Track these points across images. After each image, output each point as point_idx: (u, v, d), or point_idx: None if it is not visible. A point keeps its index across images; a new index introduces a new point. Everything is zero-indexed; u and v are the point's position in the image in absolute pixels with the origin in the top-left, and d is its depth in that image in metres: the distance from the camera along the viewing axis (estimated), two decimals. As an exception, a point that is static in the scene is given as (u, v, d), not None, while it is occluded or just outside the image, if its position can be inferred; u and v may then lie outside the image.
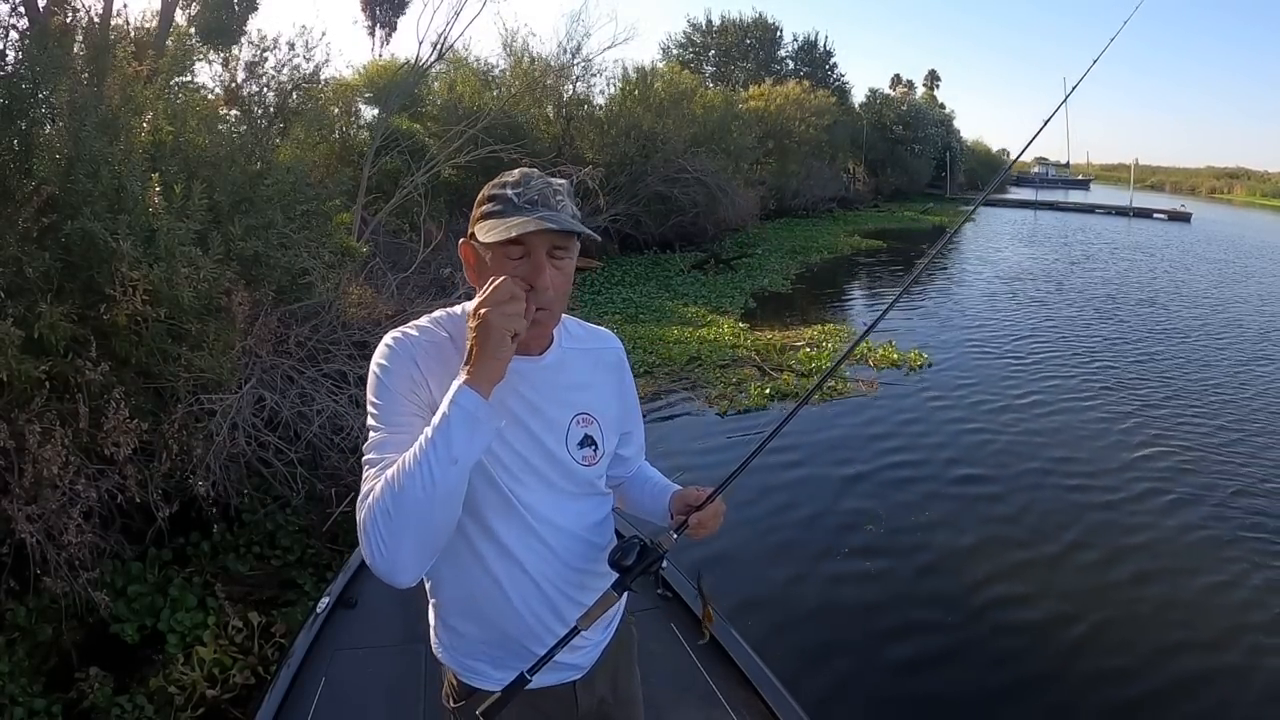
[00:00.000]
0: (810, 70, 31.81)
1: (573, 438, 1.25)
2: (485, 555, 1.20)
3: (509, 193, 1.13)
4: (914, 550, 4.31)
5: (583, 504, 1.27)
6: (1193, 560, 4.28)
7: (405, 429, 1.10)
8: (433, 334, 1.19)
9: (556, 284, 1.15)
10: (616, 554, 1.22)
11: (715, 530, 1.32)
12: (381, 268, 6.19)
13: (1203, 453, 5.83)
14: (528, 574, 1.22)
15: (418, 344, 1.17)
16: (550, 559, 1.23)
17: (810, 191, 22.39)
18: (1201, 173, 61.55)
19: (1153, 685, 3.28)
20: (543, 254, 1.13)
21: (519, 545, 1.21)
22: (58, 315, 3.05)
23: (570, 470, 1.24)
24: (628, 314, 9.55)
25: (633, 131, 14.22)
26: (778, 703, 2.12)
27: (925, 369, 7.86)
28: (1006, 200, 34.95)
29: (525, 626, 1.23)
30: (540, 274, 1.13)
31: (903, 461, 5.51)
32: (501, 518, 1.20)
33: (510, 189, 1.14)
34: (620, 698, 1.40)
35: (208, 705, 2.80)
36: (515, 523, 1.20)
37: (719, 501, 1.32)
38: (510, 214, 1.11)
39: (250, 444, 3.76)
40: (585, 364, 1.31)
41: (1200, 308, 11.97)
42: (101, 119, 3.57)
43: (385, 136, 8.32)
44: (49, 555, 2.93)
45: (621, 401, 1.36)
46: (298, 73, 6.36)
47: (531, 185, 1.14)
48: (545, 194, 1.14)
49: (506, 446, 1.18)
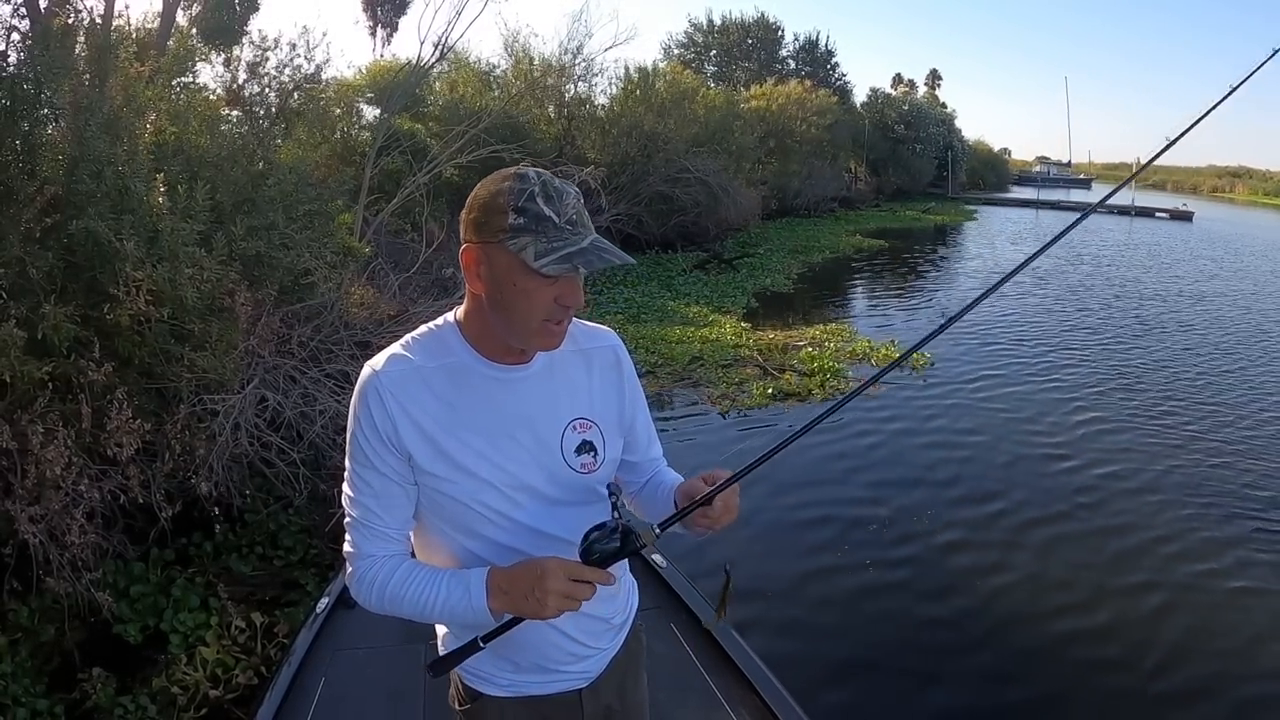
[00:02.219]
0: (812, 70, 31.77)
1: (569, 445, 1.20)
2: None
3: (544, 209, 1.05)
4: (917, 550, 4.31)
5: (584, 512, 1.20)
6: (1220, 561, 4.25)
7: (375, 483, 1.15)
8: (402, 363, 1.15)
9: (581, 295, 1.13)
10: (593, 535, 1.10)
11: (725, 524, 1.17)
12: (383, 268, 6.20)
13: (1210, 446, 5.82)
14: None
15: (384, 384, 1.13)
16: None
17: (812, 191, 22.35)
18: (1203, 171, 61.35)
19: (1175, 701, 3.22)
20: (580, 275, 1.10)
21: (505, 562, 1.16)
22: (61, 316, 3.05)
23: (568, 480, 1.20)
24: (629, 314, 9.54)
25: (634, 131, 14.22)
26: (777, 703, 2.12)
27: (928, 368, 7.85)
28: (1008, 200, 34.93)
29: (529, 640, 1.20)
30: (576, 290, 1.10)
31: (905, 462, 5.50)
32: (501, 535, 1.17)
33: (543, 203, 1.05)
34: (627, 704, 1.38)
35: (210, 705, 2.80)
36: (514, 541, 1.17)
37: (731, 493, 1.16)
38: (557, 237, 1.05)
39: (253, 444, 3.76)
40: (579, 366, 1.25)
41: (1202, 306, 11.95)
42: (105, 119, 3.58)
43: (387, 137, 8.32)
44: (52, 556, 2.93)
45: (623, 401, 1.29)
46: (299, 73, 6.37)
47: (567, 203, 1.07)
48: (580, 211, 1.09)
49: (497, 468, 1.15)
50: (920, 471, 5.35)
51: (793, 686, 2.22)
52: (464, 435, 1.14)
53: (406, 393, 1.13)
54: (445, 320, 1.20)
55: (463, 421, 1.14)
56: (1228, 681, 3.31)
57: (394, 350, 1.17)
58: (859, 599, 3.86)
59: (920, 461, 5.52)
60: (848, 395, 1.38)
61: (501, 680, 1.24)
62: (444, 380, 1.15)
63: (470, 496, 1.14)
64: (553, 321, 1.11)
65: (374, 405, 1.13)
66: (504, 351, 1.17)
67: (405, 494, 1.16)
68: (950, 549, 4.33)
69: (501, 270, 1.07)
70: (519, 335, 1.13)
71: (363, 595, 1.16)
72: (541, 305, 1.08)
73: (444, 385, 1.15)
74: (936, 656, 3.44)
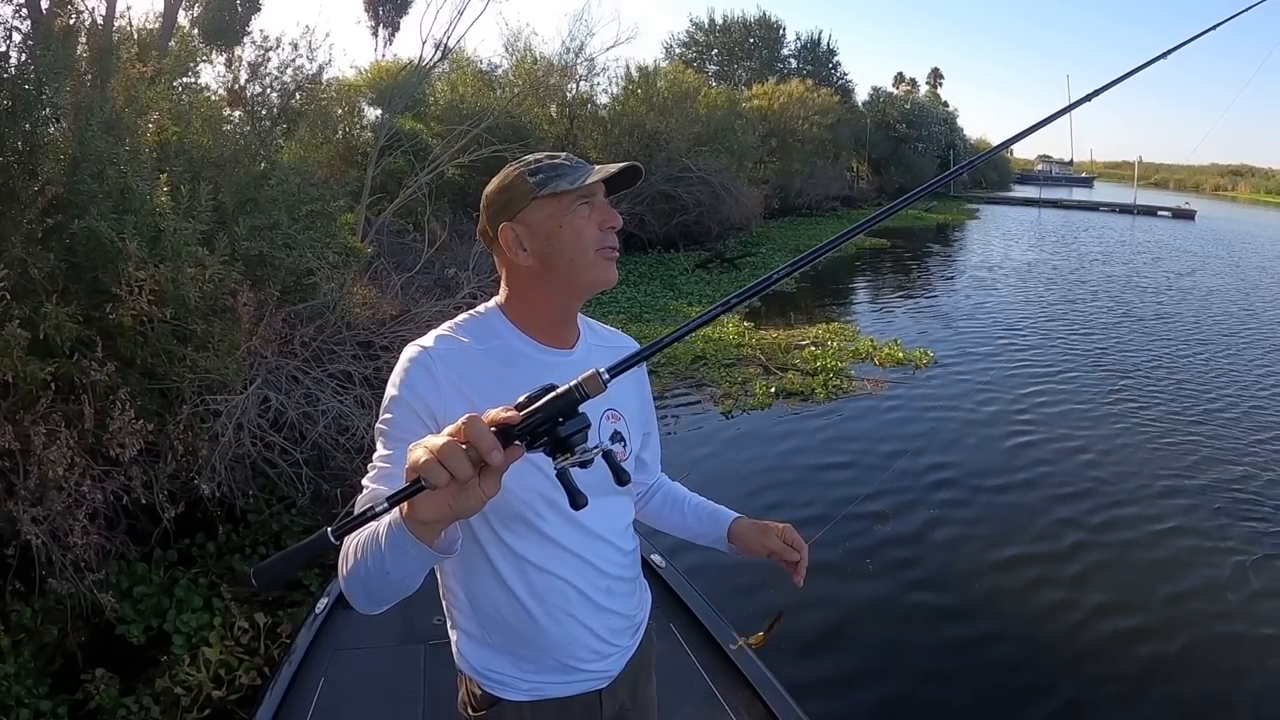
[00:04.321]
0: (813, 69, 31.75)
1: (604, 432, 1.23)
2: (502, 569, 1.17)
3: (552, 162, 1.17)
4: (919, 550, 4.29)
5: (612, 503, 1.23)
6: (1228, 560, 4.23)
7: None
8: (451, 342, 1.16)
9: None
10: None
11: (796, 556, 1.37)
12: (386, 268, 6.20)
13: (1217, 444, 5.80)
14: (554, 585, 1.19)
15: (435, 356, 1.13)
16: (580, 566, 1.20)
17: (814, 190, 22.35)
18: (1206, 170, 61.29)
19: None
20: (603, 198, 1.20)
21: (543, 556, 1.17)
22: (63, 316, 3.04)
23: (601, 468, 1.21)
24: (632, 313, 9.53)
25: (636, 131, 14.22)
26: (778, 704, 2.11)
27: (931, 367, 7.83)
28: (1010, 198, 34.90)
29: (551, 638, 1.20)
30: (611, 212, 1.18)
31: (908, 461, 5.48)
32: (545, 526, 1.16)
33: (547, 160, 1.18)
34: (639, 704, 1.38)
35: (214, 706, 2.80)
36: (559, 535, 1.17)
37: (790, 531, 1.35)
38: (571, 171, 1.16)
39: (255, 444, 3.76)
40: (607, 359, 1.24)
41: (1205, 303, 11.92)
42: (106, 119, 3.57)
43: (389, 136, 8.33)
44: (54, 556, 2.93)
45: (641, 402, 1.35)
46: (301, 73, 6.37)
47: (558, 156, 1.19)
48: (575, 159, 1.19)
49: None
50: (927, 471, 5.33)
51: (793, 688, 2.22)
52: None
53: (458, 368, 1.13)
54: (487, 307, 1.24)
55: (509, 401, 1.11)
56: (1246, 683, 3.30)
57: (442, 331, 1.18)
58: (859, 599, 3.84)
59: (926, 461, 5.50)
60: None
61: (522, 684, 1.23)
62: (493, 361, 1.16)
63: (519, 481, 1.08)
64: (606, 249, 1.18)
65: (420, 379, 1.11)
66: (550, 333, 1.21)
67: None
68: (954, 548, 4.32)
69: (543, 222, 1.16)
70: (581, 274, 1.17)
71: (339, 560, 1.03)
72: (590, 233, 1.16)
73: (494, 366, 1.15)
74: (937, 657, 3.42)
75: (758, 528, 1.37)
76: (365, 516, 0.82)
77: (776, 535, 1.34)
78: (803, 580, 1.34)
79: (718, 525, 1.41)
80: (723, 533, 1.40)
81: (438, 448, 0.79)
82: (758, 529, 1.37)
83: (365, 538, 0.96)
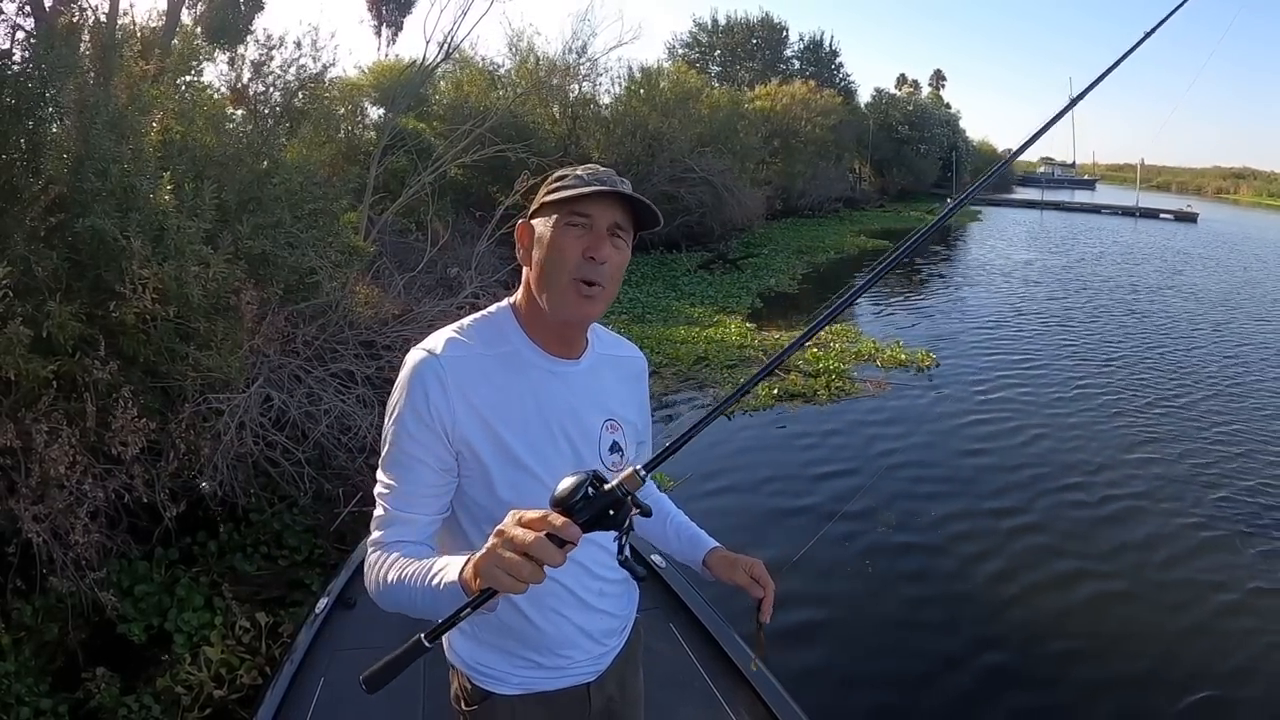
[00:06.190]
0: (816, 70, 31.76)
1: (604, 444, 1.25)
2: None
3: (580, 173, 1.18)
4: (919, 550, 4.29)
5: None
6: (1225, 565, 4.22)
7: (414, 470, 1.12)
8: (459, 347, 1.15)
9: (613, 261, 1.15)
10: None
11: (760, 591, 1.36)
12: (388, 267, 6.20)
13: (1217, 448, 5.78)
14: (547, 586, 1.17)
15: (445, 364, 1.12)
16: (572, 569, 1.19)
17: (816, 191, 22.35)
18: (1208, 172, 61.24)
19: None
20: (604, 227, 1.14)
21: None
22: (66, 314, 3.04)
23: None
24: (634, 314, 9.53)
25: (639, 131, 14.21)
26: (777, 703, 2.10)
27: (933, 368, 7.83)
28: (1012, 200, 34.87)
29: (544, 637, 1.22)
30: (602, 243, 1.13)
31: (910, 461, 5.48)
32: None
33: (580, 170, 1.19)
34: (627, 697, 1.40)
35: (215, 706, 2.79)
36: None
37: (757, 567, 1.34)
38: (581, 186, 1.15)
39: (257, 443, 3.76)
40: (610, 369, 1.30)
41: (1204, 303, 11.91)
42: (110, 118, 3.57)
43: (392, 136, 8.33)
44: (55, 555, 2.93)
45: (640, 413, 1.36)
46: (304, 72, 6.38)
47: (600, 171, 1.18)
48: (612, 176, 1.18)
49: (544, 461, 1.16)
50: (928, 470, 5.33)
51: (791, 687, 2.21)
52: (518, 428, 1.15)
53: (466, 378, 1.13)
54: (500, 306, 1.24)
55: (516, 413, 1.15)
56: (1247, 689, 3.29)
57: (450, 335, 1.17)
58: (859, 599, 3.84)
59: (928, 460, 5.50)
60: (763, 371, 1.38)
61: (513, 679, 1.25)
62: (500, 369, 1.16)
63: (521, 493, 1.12)
64: (583, 280, 1.12)
65: (431, 389, 1.11)
66: (557, 342, 1.21)
67: (442, 485, 1.15)
68: (956, 547, 4.31)
69: (540, 231, 1.17)
70: (553, 296, 1.14)
71: (370, 584, 1.13)
72: (571, 255, 1.12)
73: (501, 375, 1.16)
74: (937, 657, 3.41)
75: (729, 561, 1.38)
76: (454, 620, 0.96)
77: (745, 570, 1.34)
78: (769, 617, 1.33)
79: (696, 550, 1.43)
80: (699, 558, 1.42)
81: (516, 568, 0.88)
82: (728, 563, 1.37)
83: (410, 572, 1.05)
